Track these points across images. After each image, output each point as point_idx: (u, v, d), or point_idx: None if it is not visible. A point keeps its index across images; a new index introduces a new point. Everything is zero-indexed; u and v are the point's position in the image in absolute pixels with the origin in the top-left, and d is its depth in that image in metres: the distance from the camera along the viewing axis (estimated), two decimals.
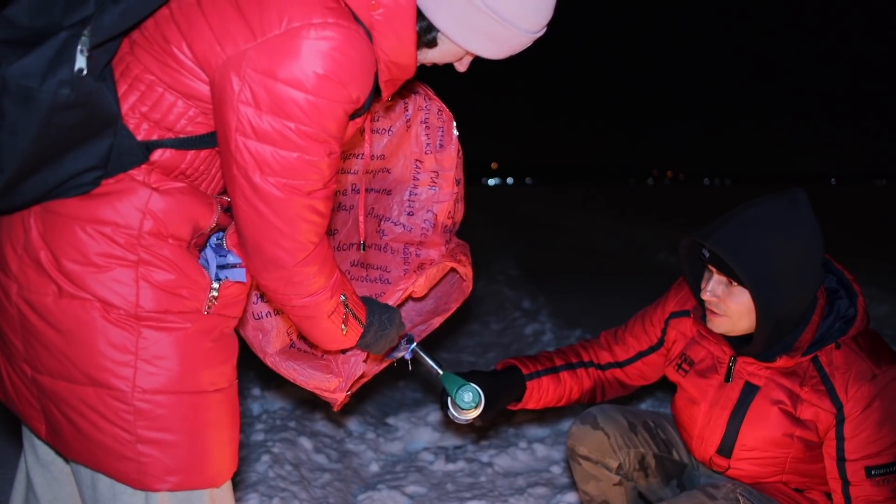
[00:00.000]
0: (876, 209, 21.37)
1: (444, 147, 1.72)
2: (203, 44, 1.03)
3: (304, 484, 2.33)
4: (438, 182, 1.74)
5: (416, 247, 1.76)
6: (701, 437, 1.72)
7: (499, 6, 1.10)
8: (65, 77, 0.95)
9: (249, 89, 1.01)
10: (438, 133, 1.72)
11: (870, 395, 1.49)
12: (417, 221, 1.76)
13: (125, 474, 1.11)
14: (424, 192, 1.76)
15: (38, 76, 0.94)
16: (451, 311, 1.79)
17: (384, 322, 1.41)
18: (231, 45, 1.02)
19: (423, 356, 1.61)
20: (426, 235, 1.76)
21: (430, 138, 1.72)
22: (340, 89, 1.04)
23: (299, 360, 1.51)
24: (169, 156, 1.10)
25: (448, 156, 1.72)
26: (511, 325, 4.77)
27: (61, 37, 0.95)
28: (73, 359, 1.08)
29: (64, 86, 0.95)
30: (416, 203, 1.76)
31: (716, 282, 1.58)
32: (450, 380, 1.65)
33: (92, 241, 1.06)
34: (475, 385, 1.67)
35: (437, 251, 1.74)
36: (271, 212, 1.07)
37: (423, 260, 1.74)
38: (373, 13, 1.07)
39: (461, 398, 1.64)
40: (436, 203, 1.75)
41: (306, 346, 1.59)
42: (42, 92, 0.94)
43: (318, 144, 1.06)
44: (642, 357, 1.88)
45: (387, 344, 1.46)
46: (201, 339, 1.13)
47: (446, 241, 1.75)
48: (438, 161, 1.73)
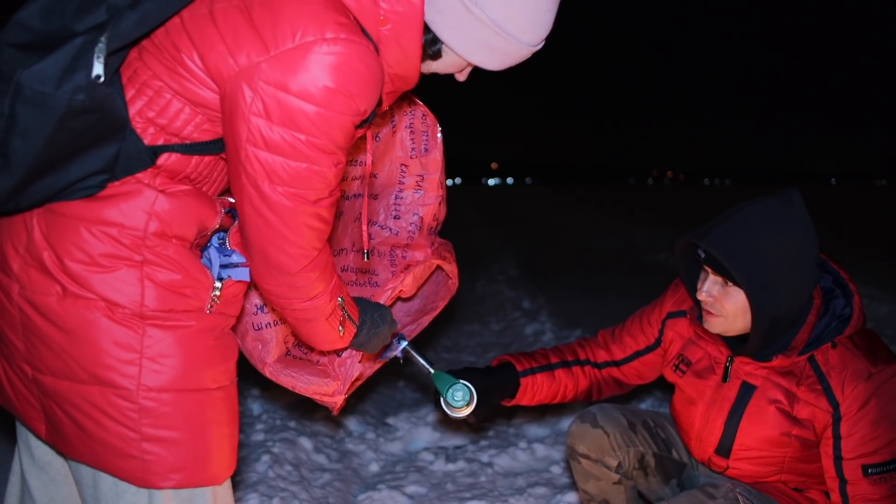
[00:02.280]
0: (876, 209, 21.38)
1: (429, 151, 1.75)
2: (216, 55, 1.05)
3: (304, 484, 2.33)
4: (424, 185, 1.77)
5: (402, 249, 1.78)
6: (699, 437, 1.72)
7: (503, 21, 1.14)
8: (80, 83, 0.97)
9: (261, 101, 1.03)
10: (423, 137, 1.74)
11: (866, 394, 1.49)
12: (404, 225, 1.78)
13: (129, 472, 1.11)
14: (410, 196, 1.78)
15: (53, 81, 0.96)
16: (438, 309, 1.82)
17: (376, 320, 1.44)
18: (244, 58, 1.04)
19: (414, 355, 1.63)
20: (412, 238, 1.78)
21: (416, 143, 1.74)
22: (349, 102, 1.06)
23: (296, 368, 1.52)
24: (174, 160, 1.12)
25: (433, 160, 1.75)
26: (511, 325, 4.78)
27: (77, 42, 0.97)
28: (77, 358, 1.09)
29: (79, 91, 0.97)
30: (401, 206, 1.78)
31: (711, 282, 1.58)
32: (441, 378, 1.68)
33: (97, 242, 1.07)
34: (467, 383, 1.69)
35: (422, 253, 1.76)
36: (278, 220, 1.10)
37: (410, 262, 1.76)
38: (381, 28, 1.11)
39: (452, 397, 1.67)
40: (421, 206, 1.78)
41: (302, 353, 1.61)
42: (57, 97, 0.96)
43: (327, 155, 1.08)
44: (639, 357, 1.89)
45: (380, 342, 1.48)
46: (205, 337, 1.15)
47: (431, 243, 1.78)
48: (423, 165, 1.76)
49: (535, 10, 1.15)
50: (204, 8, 1.07)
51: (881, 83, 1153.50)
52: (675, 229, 10.61)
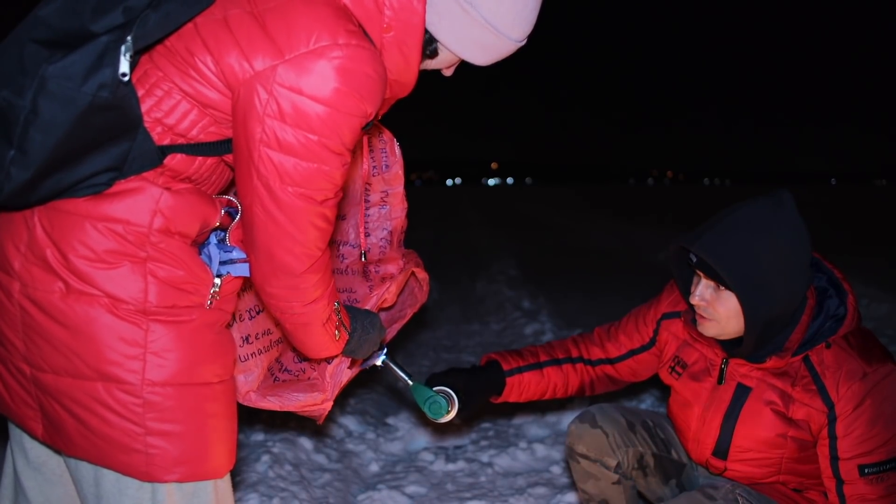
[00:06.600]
0: (876, 209, 21.39)
1: (389, 167, 1.78)
2: (230, 59, 1.09)
3: (304, 484, 2.34)
4: (388, 200, 1.80)
5: (374, 265, 1.81)
6: (696, 439, 1.72)
7: (494, 19, 1.21)
8: (105, 80, 1.00)
9: (276, 103, 1.07)
10: (382, 155, 1.77)
11: (861, 394, 1.50)
12: (374, 241, 1.81)
13: (133, 467, 1.13)
14: (376, 212, 1.80)
15: (78, 78, 0.99)
16: (407, 317, 1.85)
17: (367, 327, 1.48)
18: (259, 62, 1.08)
19: (392, 367, 1.65)
20: (384, 252, 1.81)
21: (375, 161, 1.77)
22: (359, 104, 1.10)
23: (281, 389, 1.53)
24: (179, 160, 1.14)
25: (395, 174, 1.78)
26: (511, 325, 4.78)
27: (102, 41, 1.00)
28: (80, 354, 1.10)
29: (104, 88, 1.00)
30: (370, 224, 1.80)
31: (704, 286, 1.59)
32: (418, 391, 1.70)
33: (102, 238, 1.09)
34: (446, 389, 1.72)
35: (395, 265, 1.79)
36: (287, 219, 1.13)
37: (384, 275, 1.79)
38: (384, 35, 1.17)
39: (430, 410, 1.69)
40: (389, 220, 1.81)
41: (288, 376, 1.61)
42: (82, 93, 0.99)
43: (336, 156, 1.12)
44: (633, 355, 1.89)
45: (370, 348, 1.51)
46: (205, 331, 1.17)
47: (402, 255, 1.81)
48: (386, 181, 1.78)
49: (524, 8, 1.23)
50: (218, 14, 1.11)
51: (881, 83, 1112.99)
52: (675, 229, 10.61)
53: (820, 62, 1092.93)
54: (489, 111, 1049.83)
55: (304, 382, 1.55)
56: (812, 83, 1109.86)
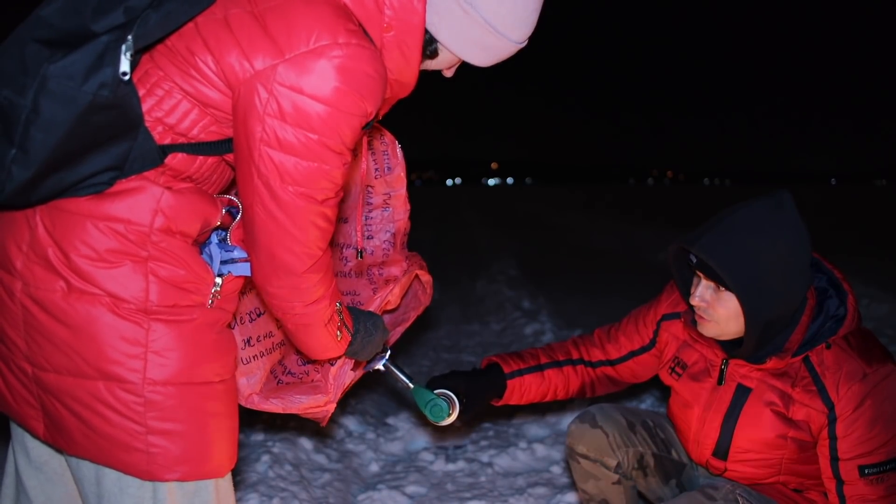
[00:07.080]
0: (876, 209, 21.39)
1: (392, 169, 1.77)
2: (231, 58, 1.09)
3: (304, 484, 2.34)
4: (391, 203, 1.79)
5: (378, 267, 1.81)
6: (696, 440, 1.72)
7: (495, 20, 1.22)
8: (106, 79, 1.01)
9: (276, 102, 1.07)
10: (384, 157, 1.76)
11: (861, 395, 1.49)
12: (377, 244, 1.81)
13: (134, 466, 1.13)
14: (379, 215, 1.80)
15: (79, 77, 0.99)
16: (410, 320, 1.85)
17: (369, 328, 1.47)
18: (259, 61, 1.08)
19: (394, 370, 1.65)
20: (388, 255, 1.81)
21: (377, 163, 1.76)
22: (360, 103, 1.11)
23: (284, 392, 1.53)
24: (180, 160, 1.14)
25: (397, 177, 1.78)
26: (511, 325, 4.78)
27: (103, 40, 1.01)
28: (82, 353, 1.10)
29: (104, 87, 1.01)
30: (373, 226, 1.80)
31: (704, 287, 1.59)
32: (419, 394, 1.70)
33: (103, 238, 1.09)
34: (447, 392, 1.72)
35: (398, 268, 1.79)
36: (287, 219, 1.13)
37: (387, 277, 1.79)
38: (385, 34, 1.17)
39: (431, 413, 1.70)
40: (392, 223, 1.81)
41: (291, 378, 1.61)
42: (82, 92, 1.00)
43: (336, 155, 1.12)
44: (634, 357, 1.89)
45: (373, 350, 1.51)
46: (207, 331, 1.17)
47: (406, 257, 1.81)
48: (389, 183, 1.78)
49: (524, 10, 1.23)
50: (219, 13, 1.11)
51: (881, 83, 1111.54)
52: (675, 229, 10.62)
53: (820, 62, 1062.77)
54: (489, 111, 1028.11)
55: (307, 385, 1.55)
56: (812, 83, 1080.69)
